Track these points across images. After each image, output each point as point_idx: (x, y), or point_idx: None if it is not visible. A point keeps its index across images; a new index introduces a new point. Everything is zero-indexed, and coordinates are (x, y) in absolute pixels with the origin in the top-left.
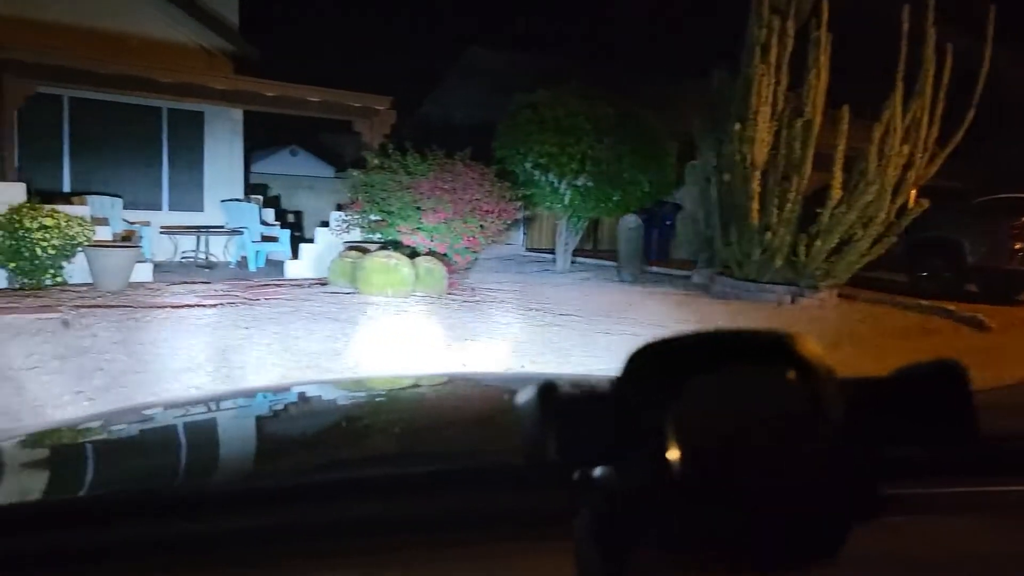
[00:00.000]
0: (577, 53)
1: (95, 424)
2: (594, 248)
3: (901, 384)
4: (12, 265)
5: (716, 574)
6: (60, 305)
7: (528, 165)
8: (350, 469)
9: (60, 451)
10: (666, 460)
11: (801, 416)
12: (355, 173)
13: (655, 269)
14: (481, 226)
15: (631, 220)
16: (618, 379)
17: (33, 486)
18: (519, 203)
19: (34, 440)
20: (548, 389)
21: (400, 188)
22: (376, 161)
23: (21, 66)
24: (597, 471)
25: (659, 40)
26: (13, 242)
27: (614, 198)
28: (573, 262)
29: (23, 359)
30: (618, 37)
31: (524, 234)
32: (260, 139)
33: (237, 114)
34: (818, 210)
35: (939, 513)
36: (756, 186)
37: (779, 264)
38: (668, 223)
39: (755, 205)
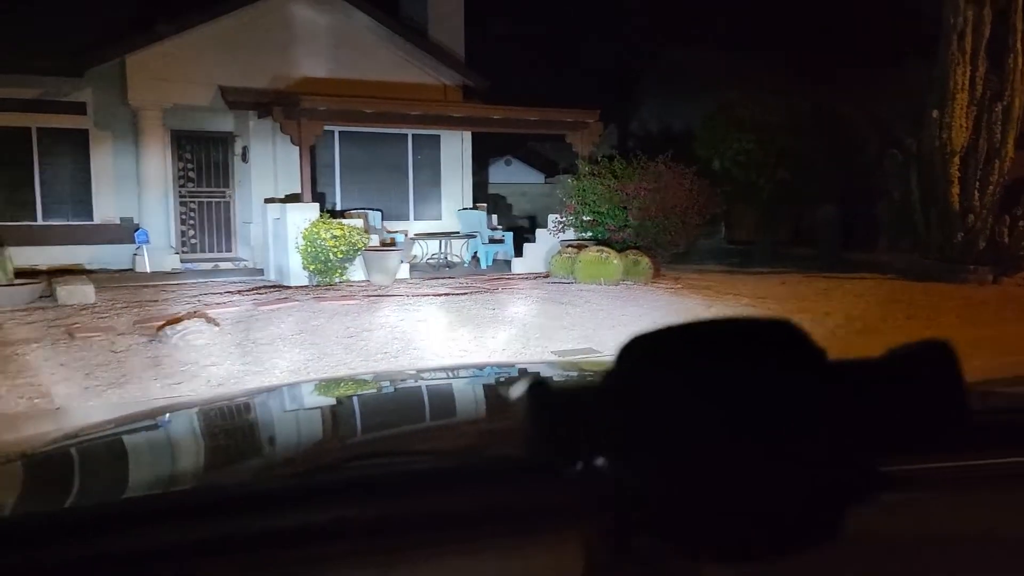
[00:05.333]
0: (771, 46)
1: (110, 430)
2: (797, 238)
3: (893, 365)
4: (312, 267)
5: (719, 560)
6: (355, 295)
7: (727, 163)
8: (359, 466)
9: (104, 454)
10: (665, 449)
11: (799, 400)
12: (568, 179)
13: (855, 256)
14: (682, 222)
15: (828, 211)
16: (610, 371)
17: (81, 489)
18: (719, 199)
19: (81, 440)
20: (537, 386)
21: (608, 191)
22: (587, 168)
23: (313, 112)
24: (600, 462)
25: (854, 28)
26: (313, 249)
27: (809, 190)
28: (773, 253)
29: (344, 328)
30: (812, 28)
31: (725, 227)
32: (479, 152)
33: (466, 134)
34: None
35: (934, 490)
36: (956, 171)
37: (982, 246)
38: (865, 210)
39: (955, 189)
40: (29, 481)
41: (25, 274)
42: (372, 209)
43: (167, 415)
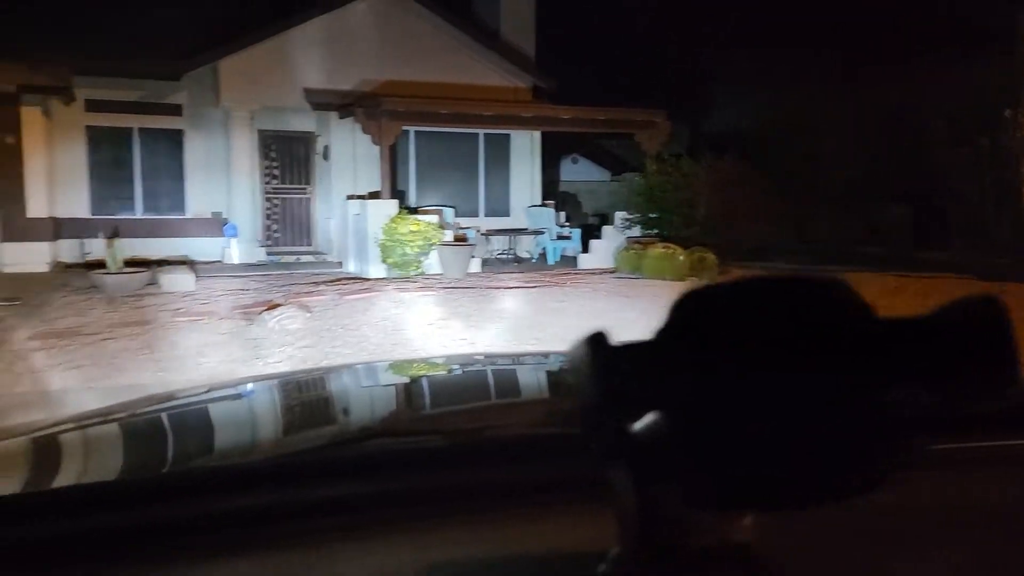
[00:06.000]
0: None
1: (139, 409)
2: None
3: (943, 323)
4: (390, 260)
5: (757, 519)
6: (431, 287)
7: (796, 161)
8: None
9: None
10: (717, 405)
11: (852, 358)
12: (636, 177)
13: (927, 255)
14: (750, 219)
15: (900, 209)
16: (664, 326)
17: (107, 464)
18: (788, 197)
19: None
20: (597, 340)
21: (675, 189)
22: (654, 167)
23: (393, 113)
24: (637, 425)
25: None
26: (391, 243)
27: (880, 188)
28: (844, 251)
29: (429, 316)
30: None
31: (794, 226)
32: (547, 150)
33: (536, 134)
34: None
35: (976, 467)
36: None
37: None
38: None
39: None
40: (126, 441)
41: (129, 264)
42: (445, 206)
43: (250, 385)
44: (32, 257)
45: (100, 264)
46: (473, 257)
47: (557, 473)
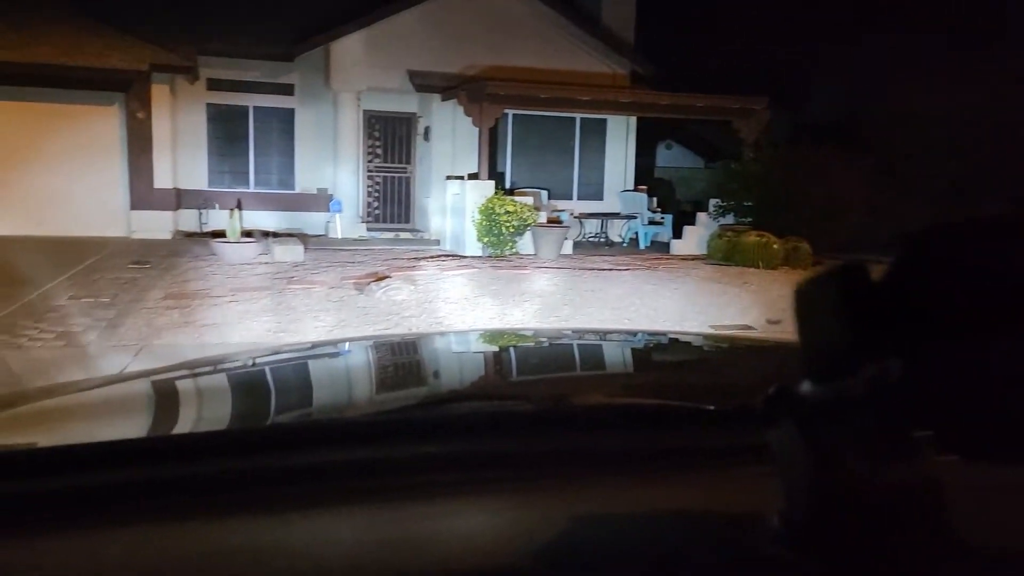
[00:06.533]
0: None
1: (304, 352)
2: None
3: None
4: (486, 240)
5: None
6: (526, 266)
7: (896, 154)
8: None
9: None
10: (953, 346)
11: None
12: (731, 164)
13: None
14: (846, 210)
15: (1002, 206)
16: (899, 264)
17: (203, 414)
18: (887, 190)
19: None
20: (854, 271)
21: (771, 177)
22: (751, 154)
23: (494, 96)
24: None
25: None
26: (488, 223)
27: (984, 184)
28: None
29: (519, 292)
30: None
31: (893, 219)
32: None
33: (631, 119)
34: None
35: None
36: None
37: None
38: None
39: None
40: (234, 389)
41: (245, 235)
42: (540, 188)
43: (347, 345)
44: (157, 225)
45: (216, 233)
46: (566, 239)
47: (670, 441)
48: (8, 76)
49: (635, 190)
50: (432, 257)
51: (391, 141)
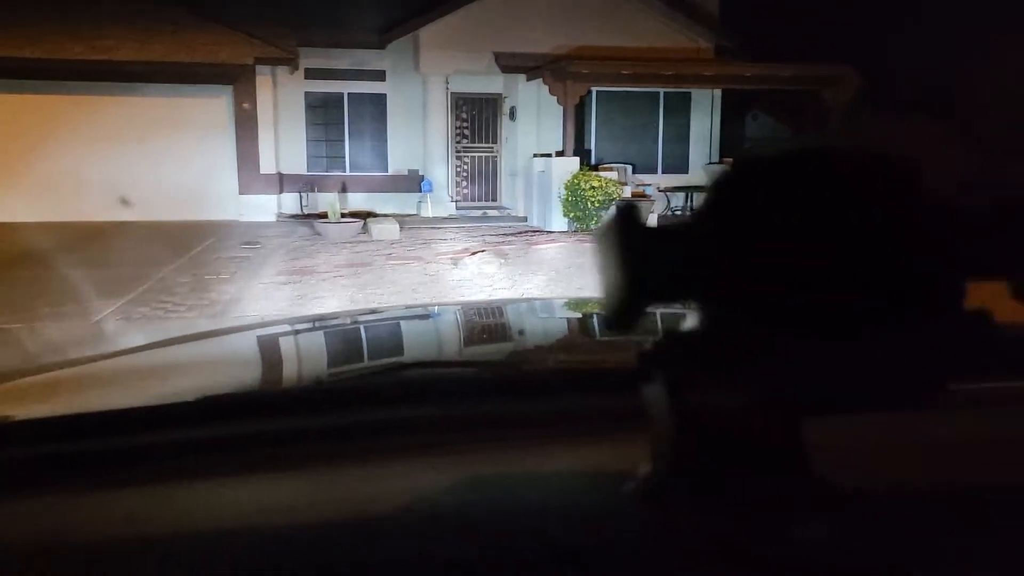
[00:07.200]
0: None
1: (396, 312)
2: None
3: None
4: (572, 214)
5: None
6: None
7: (1001, 122)
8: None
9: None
10: (763, 287)
11: (912, 242)
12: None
13: None
14: (943, 179)
15: None
16: (706, 201)
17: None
18: (994, 159)
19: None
20: (628, 211)
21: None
22: (839, 124)
23: (578, 75)
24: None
25: None
26: (573, 198)
27: None
28: None
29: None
30: None
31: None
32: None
33: (716, 91)
34: None
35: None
36: None
37: None
38: None
39: None
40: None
41: (344, 215)
42: (624, 163)
43: (435, 308)
44: (262, 208)
45: (317, 215)
46: (652, 213)
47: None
48: (128, 74)
49: (720, 162)
50: (520, 233)
51: (478, 122)
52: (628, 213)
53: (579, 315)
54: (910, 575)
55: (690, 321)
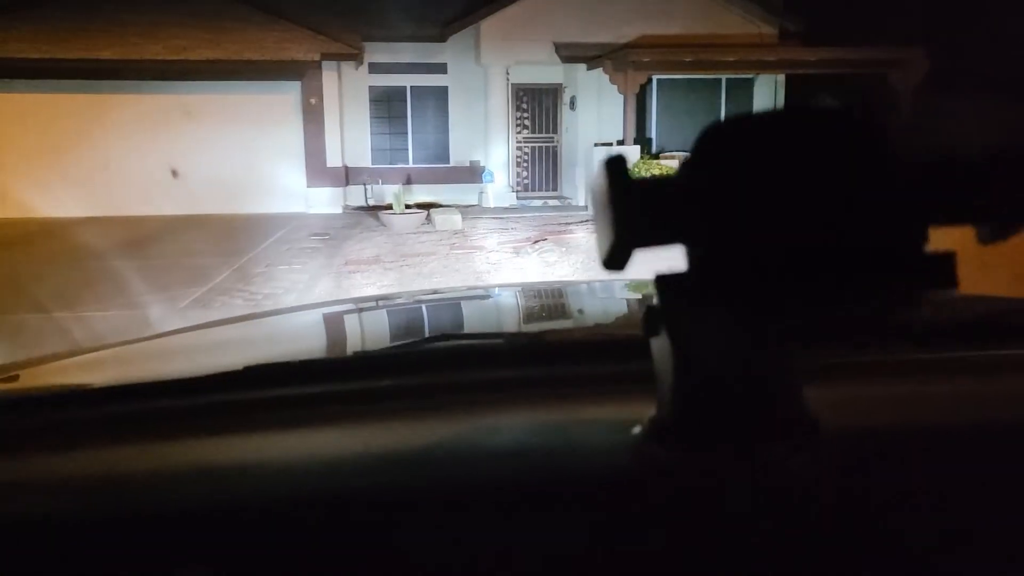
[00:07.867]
0: None
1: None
2: None
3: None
4: None
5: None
6: None
7: None
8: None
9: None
10: (740, 239)
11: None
12: None
13: None
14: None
15: None
16: (688, 162)
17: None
18: None
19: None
20: (616, 162)
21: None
22: (906, 106)
23: (639, 63)
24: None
25: None
26: None
27: None
28: None
29: (668, 253)
30: None
31: None
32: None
33: (780, 76)
34: None
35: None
36: None
37: None
38: None
39: None
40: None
41: (408, 207)
42: (686, 151)
43: (496, 288)
44: (329, 200)
45: (382, 207)
46: None
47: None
48: (201, 72)
49: None
50: (580, 222)
51: (538, 112)
52: (615, 164)
53: (634, 295)
54: (899, 509)
55: (681, 268)
